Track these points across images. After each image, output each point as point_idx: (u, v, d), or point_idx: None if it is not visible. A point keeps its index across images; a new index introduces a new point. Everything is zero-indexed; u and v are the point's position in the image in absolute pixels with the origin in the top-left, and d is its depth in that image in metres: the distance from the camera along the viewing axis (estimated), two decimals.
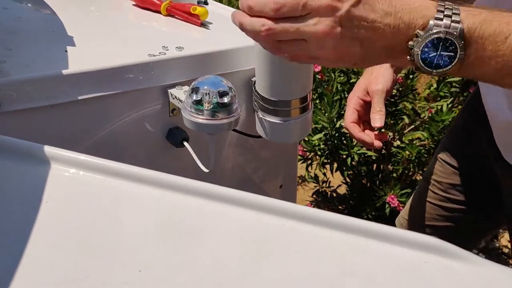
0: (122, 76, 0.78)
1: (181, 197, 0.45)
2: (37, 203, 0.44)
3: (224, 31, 0.97)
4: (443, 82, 2.17)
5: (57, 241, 0.41)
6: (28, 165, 0.48)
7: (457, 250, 0.40)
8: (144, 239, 0.42)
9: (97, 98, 0.77)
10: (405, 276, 0.39)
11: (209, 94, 0.76)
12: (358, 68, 1.91)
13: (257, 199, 0.44)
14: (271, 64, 0.79)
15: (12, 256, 0.39)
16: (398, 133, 2.29)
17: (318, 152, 2.18)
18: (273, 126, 0.86)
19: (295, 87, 0.82)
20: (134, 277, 0.38)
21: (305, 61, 0.62)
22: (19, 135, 0.51)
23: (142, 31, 0.96)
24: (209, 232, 0.43)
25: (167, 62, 0.82)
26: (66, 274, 0.38)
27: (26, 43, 0.83)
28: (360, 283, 0.39)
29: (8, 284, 0.37)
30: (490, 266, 0.40)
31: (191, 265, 0.40)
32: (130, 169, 0.47)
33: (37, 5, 1.03)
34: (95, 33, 0.91)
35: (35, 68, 0.74)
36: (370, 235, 0.42)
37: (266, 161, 1.08)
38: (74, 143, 0.78)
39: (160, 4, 1.02)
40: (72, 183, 0.46)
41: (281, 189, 1.13)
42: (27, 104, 0.72)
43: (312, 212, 0.43)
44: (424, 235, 0.42)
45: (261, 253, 0.41)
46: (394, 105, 2.23)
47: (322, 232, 0.42)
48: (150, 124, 0.86)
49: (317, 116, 2.07)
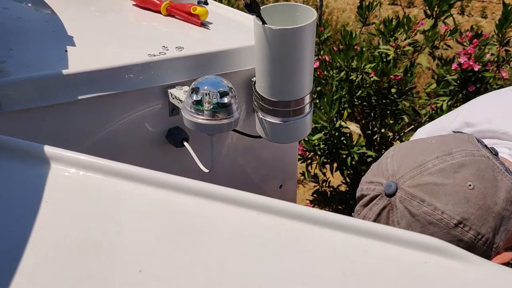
0: (122, 76, 0.78)
1: (181, 197, 0.45)
2: (37, 203, 0.44)
3: (224, 31, 0.97)
4: (442, 81, 2.18)
5: (57, 241, 0.41)
6: (28, 165, 0.48)
7: (457, 250, 0.40)
8: (144, 239, 0.42)
9: (97, 98, 0.77)
10: (405, 276, 0.39)
11: (209, 94, 0.76)
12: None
13: (257, 199, 0.44)
14: (271, 64, 0.79)
15: (12, 256, 0.39)
16: (398, 133, 2.29)
17: (318, 151, 2.18)
18: (273, 126, 0.86)
19: (295, 87, 0.82)
20: (134, 277, 0.38)
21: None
22: (19, 135, 0.51)
23: (142, 31, 0.96)
24: (209, 232, 0.43)
25: (167, 62, 0.82)
26: (66, 274, 0.38)
27: (26, 43, 0.83)
28: (360, 283, 0.39)
29: (8, 284, 0.37)
30: (490, 266, 0.40)
31: (191, 265, 0.40)
32: (130, 169, 0.47)
33: (37, 5, 1.03)
34: (95, 33, 0.91)
35: (35, 68, 0.74)
36: (370, 235, 0.42)
37: (266, 161, 1.08)
38: (74, 143, 0.78)
39: (160, 4, 1.02)
40: (72, 183, 0.46)
41: (281, 189, 1.13)
42: (27, 104, 0.72)
43: (312, 212, 0.43)
44: (424, 235, 0.42)
45: (261, 253, 0.41)
46: (394, 105, 2.24)
47: (322, 232, 0.42)
48: (150, 124, 0.86)
49: (317, 115, 2.07)
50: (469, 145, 0.69)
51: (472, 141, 0.70)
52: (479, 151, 0.68)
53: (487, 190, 0.64)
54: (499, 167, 0.67)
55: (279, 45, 0.76)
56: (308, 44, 0.78)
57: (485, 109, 0.88)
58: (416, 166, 0.66)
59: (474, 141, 0.70)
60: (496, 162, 0.67)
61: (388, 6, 6.17)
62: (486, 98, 0.95)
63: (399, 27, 2.23)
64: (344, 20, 5.77)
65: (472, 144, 0.69)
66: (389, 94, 2.21)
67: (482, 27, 4.16)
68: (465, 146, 0.68)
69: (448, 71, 2.14)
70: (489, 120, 0.83)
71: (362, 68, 2.18)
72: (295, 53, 0.78)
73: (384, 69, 2.13)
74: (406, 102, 2.26)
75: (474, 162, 0.66)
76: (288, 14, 0.82)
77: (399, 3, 6.24)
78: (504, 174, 0.66)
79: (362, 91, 2.25)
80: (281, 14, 0.81)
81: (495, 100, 0.91)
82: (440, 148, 0.68)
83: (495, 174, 0.66)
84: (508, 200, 0.66)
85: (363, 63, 2.17)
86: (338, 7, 6.47)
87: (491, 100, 0.92)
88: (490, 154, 0.68)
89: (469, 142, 0.69)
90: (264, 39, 0.76)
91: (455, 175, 0.65)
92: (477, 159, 0.66)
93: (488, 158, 0.67)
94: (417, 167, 0.66)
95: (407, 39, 2.20)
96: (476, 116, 0.85)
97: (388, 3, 6.41)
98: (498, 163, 0.67)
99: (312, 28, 0.78)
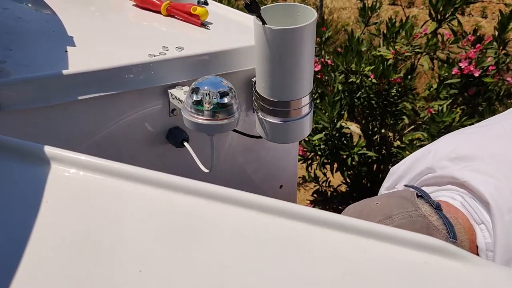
0: (122, 76, 0.78)
1: (181, 197, 0.45)
2: (37, 203, 0.44)
3: (224, 31, 0.97)
4: (442, 84, 2.17)
5: (57, 241, 0.41)
6: (28, 165, 0.48)
7: (457, 250, 0.40)
8: (144, 239, 0.42)
9: (97, 98, 0.77)
10: (405, 276, 0.39)
11: (209, 95, 0.76)
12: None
13: (257, 199, 0.44)
14: (271, 64, 0.79)
15: (12, 256, 0.39)
16: (398, 133, 2.29)
17: (318, 152, 2.18)
18: (273, 127, 0.86)
19: (295, 87, 0.82)
20: (134, 277, 0.38)
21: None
22: (19, 135, 0.51)
23: (142, 31, 0.96)
24: (209, 232, 0.43)
25: (167, 62, 0.82)
26: (66, 274, 0.38)
27: (26, 43, 0.83)
28: (360, 283, 0.39)
29: (8, 284, 0.37)
30: (490, 266, 0.40)
31: (191, 265, 0.40)
32: (130, 169, 0.47)
33: (37, 5, 1.03)
34: (95, 33, 0.91)
35: (35, 68, 0.74)
36: (370, 235, 0.42)
37: (266, 161, 1.08)
38: (74, 143, 0.78)
39: (160, 4, 1.02)
40: (72, 183, 0.46)
41: (281, 189, 1.13)
42: (27, 104, 0.72)
43: (312, 212, 0.43)
44: (424, 235, 0.42)
45: (261, 253, 0.41)
46: (394, 105, 2.24)
47: (322, 232, 0.42)
48: (150, 124, 0.86)
49: (318, 116, 2.07)
50: (409, 205, 0.76)
51: (412, 200, 0.78)
52: (417, 210, 0.76)
53: None
54: (434, 224, 0.74)
55: (279, 45, 0.76)
56: (308, 44, 0.78)
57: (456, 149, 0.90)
58: None
59: (414, 200, 0.78)
60: (432, 219, 0.75)
61: (388, 6, 6.17)
62: (462, 135, 0.98)
63: (402, 29, 2.21)
64: (344, 20, 5.78)
65: (411, 203, 0.77)
66: (389, 96, 2.21)
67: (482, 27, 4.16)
68: (405, 207, 0.76)
69: (449, 73, 2.14)
70: (453, 169, 0.86)
71: (361, 71, 2.18)
72: (295, 53, 0.78)
73: (384, 72, 2.13)
74: (406, 103, 2.26)
75: (410, 223, 0.74)
76: (288, 14, 0.81)
77: (399, 3, 6.25)
78: (439, 231, 0.74)
79: (362, 93, 2.25)
80: (281, 14, 0.81)
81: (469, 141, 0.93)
82: (382, 212, 0.76)
83: (429, 232, 0.73)
84: None
85: (362, 65, 2.17)
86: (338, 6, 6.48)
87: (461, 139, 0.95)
88: (430, 209, 0.76)
89: (409, 202, 0.77)
90: (264, 39, 0.76)
91: None
92: (413, 220, 0.74)
93: (424, 217, 0.75)
94: None
95: (408, 45, 2.19)
96: (442, 161, 0.89)
97: (388, 3, 6.41)
98: (436, 218, 0.75)
99: (312, 28, 0.78)
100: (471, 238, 0.77)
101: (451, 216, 0.77)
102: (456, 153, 0.86)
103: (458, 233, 0.75)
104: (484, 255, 0.75)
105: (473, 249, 0.77)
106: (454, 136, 0.97)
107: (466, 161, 0.84)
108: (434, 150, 0.92)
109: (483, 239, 0.76)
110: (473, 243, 0.77)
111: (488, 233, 0.76)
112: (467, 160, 0.84)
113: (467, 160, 0.84)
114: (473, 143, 0.88)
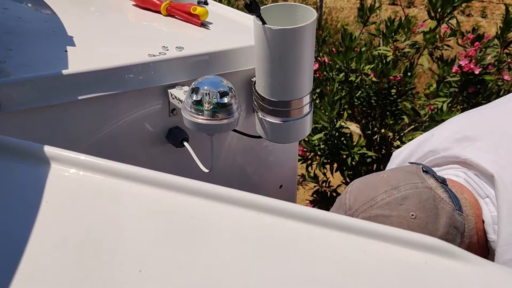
0: (122, 76, 0.78)
1: (181, 197, 0.45)
2: (37, 203, 0.44)
3: (224, 31, 0.97)
4: (442, 82, 2.17)
5: (57, 241, 0.41)
6: (28, 165, 0.48)
7: (457, 250, 0.40)
8: (144, 239, 0.42)
9: (97, 98, 0.77)
10: (405, 276, 0.39)
11: (209, 95, 0.76)
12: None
13: (257, 199, 0.44)
14: (271, 64, 0.79)
15: (12, 256, 0.39)
16: (398, 133, 2.29)
17: (318, 152, 2.18)
18: (273, 127, 0.86)
19: (295, 87, 0.82)
20: (134, 277, 0.38)
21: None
22: (19, 135, 0.51)
23: (142, 31, 0.96)
24: (209, 232, 0.43)
25: (167, 62, 0.82)
26: (66, 274, 0.38)
27: (26, 43, 0.83)
28: (360, 283, 0.39)
29: (8, 284, 0.37)
30: (490, 266, 0.40)
31: (191, 265, 0.40)
32: (130, 169, 0.47)
33: (37, 5, 1.03)
34: (95, 33, 0.91)
35: (35, 68, 0.74)
36: (370, 235, 0.42)
37: (266, 161, 1.08)
38: (74, 143, 0.78)
39: (160, 4, 1.02)
40: (72, 183, 0.46)
41: (281, 189, 1.13)
42: (27, 104, 0.72)
43: (312, 212, 0.43)
44: (424, 235, 0.42)
45: (261, 253, 0.41)
46: (394, 105, 2.24)
47: (322, 232, 0.42)
48: (150, 124, 0.86)
49: (317, 115, 2.07)
50: (415, 177, 0.76)
51: (419, 173, 0.77)
52: (423, 182, 0.75)
53: (428, 218, 0.71)
54: (440, 196, 0.74)
55: (279, 45, 0.76)
56: (308, 44, 0.78)
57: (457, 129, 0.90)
58: (367, 200, 0.74)
59: (420, 173, 0.77)
60: (439, 192, 0.74)
61: (388, 6, 6.17)
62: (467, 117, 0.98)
63: (400, 27, 2.22)
64: (343, 19, 5.77)
65: (418, 176, 0.76)
66: (389, 95, 2.21)
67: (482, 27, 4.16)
68: (411, 179, 0.76)
69: (448, 72, 2.14)
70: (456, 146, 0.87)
71: (361, 69, 2.18)
72: (295, 53, 0.78)
73: (383, 70, 2.13)
74: (406, 103, 2.26)
75: (416, 194, 0.73)
76: (288, 14, 0.81)
77: (399, 3, 6.24)
78: (445, 202, 0.73)
79: (361, 92, 2.25)
80: (281, 14, 0.81)
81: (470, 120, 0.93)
82: (388, 183, 0.76)
83: (436, 203, 0.72)
84: (450, 225, 0.72)
85: (362, 64, 2.17)
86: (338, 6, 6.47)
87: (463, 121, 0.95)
88: (436, 182, 0.75)
89: (415, 175, 0.77)
90: (264, 39, 0.76)
91: (400, 207, 0.72)
92: (419, 191, 0.74)
93: (430, 188, 0.74)
94: (368, 201, 0.74)
95: (407, 40, 2.20)
96: (442, 142, 0.89)
97: (388, 3, 6.42)
98: (442, 191, 0.74)
99: (312, 28, 0.78)
100: (476, 213, 0.77)
101: (457, 191, 0.77)
102: (459, 135, 0.87)
103: (464, 207, 0.75)
104: (491, 229, 0.75)
105: (479, 224, 0.77)
106: (457, 120, 0.97)
107: (468, 141, 0.85)
108: (437, 134, 0.92)
109: (488, 212, 0.76)
110: (479, 217, 0.77)
111: (493, 206, 0.76)
112: (469, 140, 0.85)
113: (469, 140, 0.85)
114: (475, 124, 0.88)
